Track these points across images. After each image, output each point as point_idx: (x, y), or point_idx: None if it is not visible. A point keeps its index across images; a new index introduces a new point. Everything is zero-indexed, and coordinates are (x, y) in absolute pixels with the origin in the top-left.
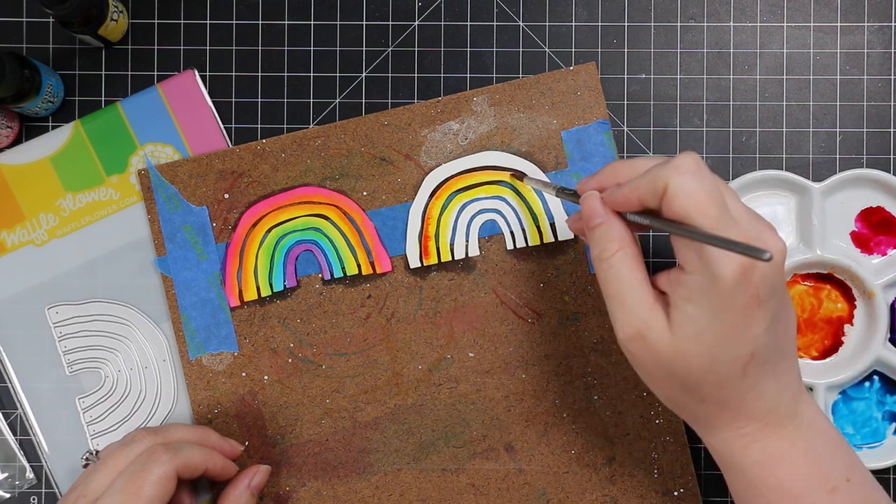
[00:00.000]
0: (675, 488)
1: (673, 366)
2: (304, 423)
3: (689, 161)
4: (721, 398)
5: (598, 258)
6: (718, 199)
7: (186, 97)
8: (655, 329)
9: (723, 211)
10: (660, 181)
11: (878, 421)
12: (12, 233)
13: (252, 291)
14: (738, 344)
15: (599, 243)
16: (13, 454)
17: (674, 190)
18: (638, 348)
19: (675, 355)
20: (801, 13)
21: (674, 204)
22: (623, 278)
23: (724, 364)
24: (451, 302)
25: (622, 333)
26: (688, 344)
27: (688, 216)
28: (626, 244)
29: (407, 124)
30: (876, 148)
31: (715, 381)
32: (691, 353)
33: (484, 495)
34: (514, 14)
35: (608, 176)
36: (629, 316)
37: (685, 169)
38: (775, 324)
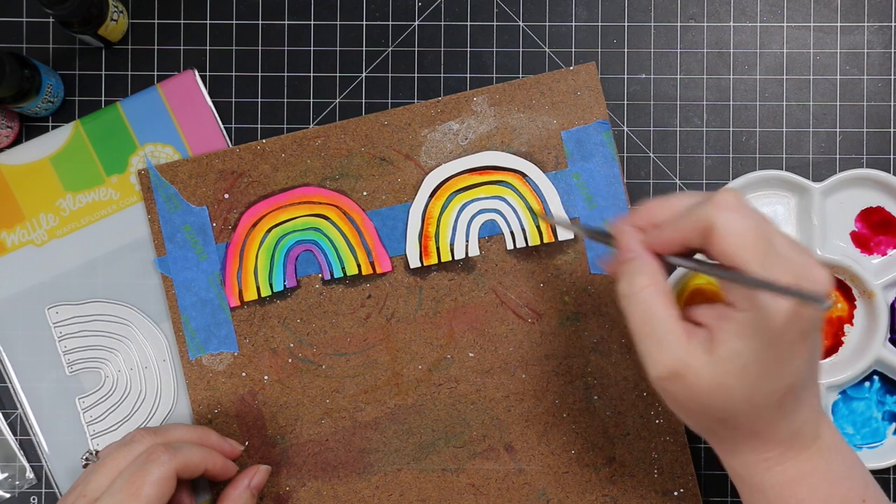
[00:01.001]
0: (675, 488)
1: (712, 400)
2: (304, 423)
3: (731, 198)
4: (753, 427)
5: (627, 293)
6: (765, 236)
7: (186, 97)
8: (694, 366)
9: (770, 248)
10: (703, 222)
11: (878, 421)
12: (12, 233)
13: (252, 291)
14: (780, 377)
15: (629, 277)
16: (13, 454)
17: (721, 229)
18: (674, 386)
19: (715, 390)
20: (801, 13)
21: (721, 243)
22: (656, 314)
23: (763, 396)
24: (451, 302)
25: (656, 372)
26: (731, 378)
27: (735, 255)
28: (658, 277)
29: (407, 124)
30: (876, 148)
31: (751, 412)
32: (733, 388)
33: (484, 495)
34: (514, 14)
35: (644, 216)
36: (665, 354)
37: (729, 206)
38: (813, 355)
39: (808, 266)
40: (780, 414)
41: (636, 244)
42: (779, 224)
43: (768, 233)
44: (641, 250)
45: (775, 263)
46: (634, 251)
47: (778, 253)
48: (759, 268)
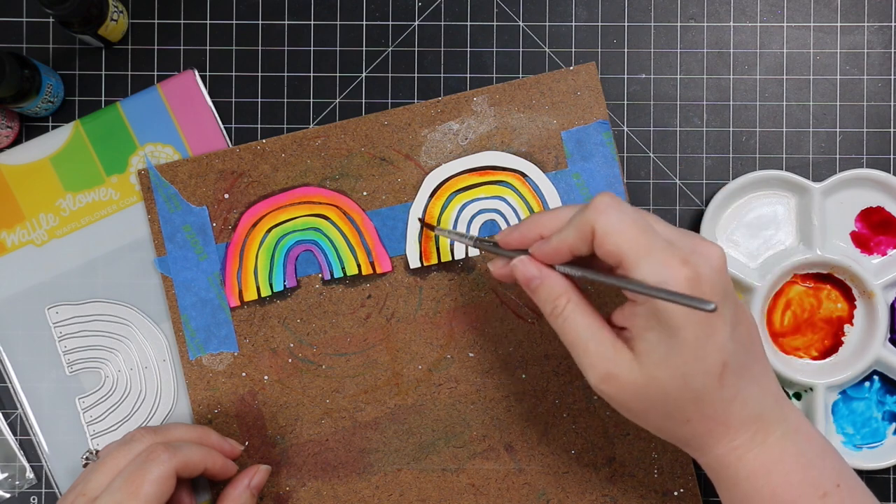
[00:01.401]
0: (675, 488)
1: (649, 395)
2: (304, 423)
3: (607, 199)
4: (705, 415)
5: (551, 315)
6: (645, 227)
7: (186, 97)
8: (623, 365)
9: (652, 236)
10: (585, 226)
11: (878, 421)
12: (12, 233)
13: (252, 291)
14: (707, 356)
15: (547, 302)
16: (13, 454)
17: (601, 230)
18: (612, 388)
19: (648, 384)
20: (801, 13)
21: (605, 243)
22: (580, 327)
23: (698, 379)
24: (451, 302)
25: (593, 378)
26: (657, 370)
27: (619, 251)
28: (571, 294)
29: (407, 124)
30: (876, 148)
31: (694, 398)
32: (663, 378)
33: (484, 495)
34: (514, 14)
35: (530, 228)
36: (595, 360)
37: (605, 207)
38: (737, 328)
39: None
40: (726, 395)
41: (536, 268)
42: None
43: (648, 224)
44: (544, 271)
45: (660, 250)
46: (538, 275)
47: (663, 240)
48: (645, 258)
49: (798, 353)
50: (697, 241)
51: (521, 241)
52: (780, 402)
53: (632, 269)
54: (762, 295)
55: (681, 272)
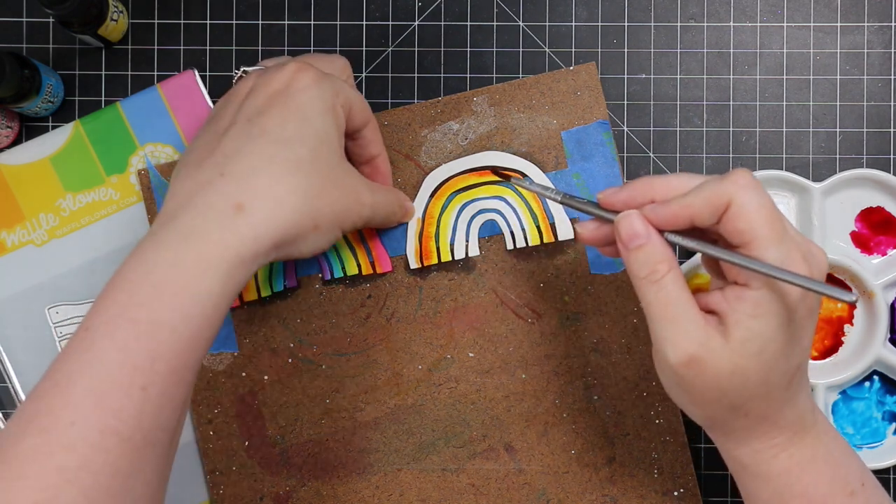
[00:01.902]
0: (675, 488)
1: (730, 384)
2: (304, 423)
3: (749, 177)
4: (764, 412)
5: (648, 280)
6: (779, 214)
7: (186, 97)
8: (713, 350)
9: (785, 224)
10: (721, 198)
11: (878, 421)
12: (12, 233)
13: (252, 291)
14: (793, 356)
15: (648, 264)
16: None
17: (739, 206)
18: (692, 372)
19: (734, 374)
20: (801, 13)
21: (740, 220)
22: (675, 300)
23: (778, 377)
24: (451, 302)
25: (675, 358)
26: (748, 361)
27: (752, 232)
28: (675, 264)
29: (407, 124)
30: (876, 148)
31: (765, 394)
32: (751, 370)
33: (484, 495)
34: (514, 14)
35: (641, 191)
36: (684, 339)
37: (747, 184)
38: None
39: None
40: (788, 395)
41: (645, 226)
42: None
43: (780, 213)
44: (651, 233)
45: (790, 241)
46: (644, 233)
47: (790, 233)
48: (776, 245)
49: None
50: (809, 241)
51: (628, 203)
52: (814, 407)
53: (757, 252)
54: None
55: (800, 268)
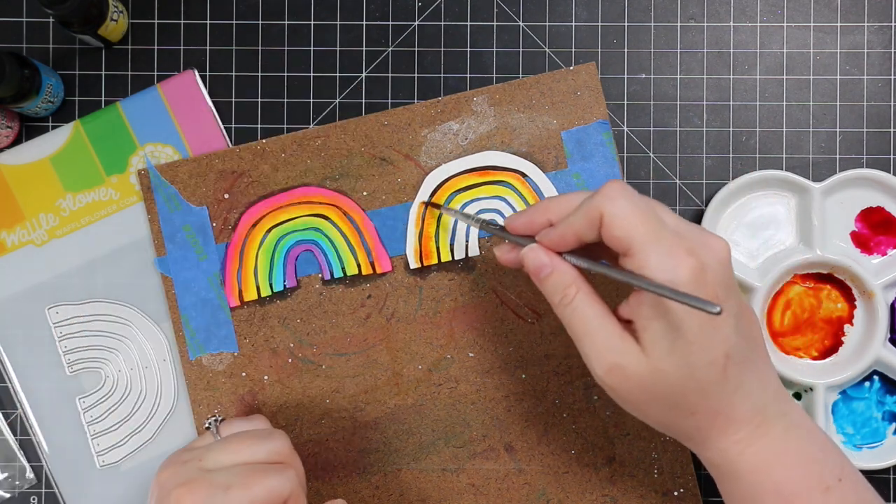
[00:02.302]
0: (675, 488)
1: (655, 386)
2: (304, 423)
3: (617, 187)
4: (709, 407)
5: (560, 305)
6: (653, 216)
7: (186, 97)
8: (630, 356)
9: (660, 225)
10: (594, 212)
11: (878, 421)
12: (12, 233)
13: (252, 291)
14: (711, 348)
15: (556, 291)
16: (13, 454)
17: (609, 216)
18: (617, 379)
19: (654, 375)
20: (801, 13)
21: (613, 229)
22: (588, 317)
23: (702, 370)
24: (451, 302)
25: (599, 369)
26: (663, 361)
27: (626, 238)
28: (580, 283)
29: (407, 124)
30: (876, 148)
31: (698, 389)
32: (669, 369)
33: (484, 495)
34: (514, 14)
35: (539, 214)
36: (602, 351)
37: (615, 195)
38: (740, 321)
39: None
40: (729, 386)
41: (546, 257)
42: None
43: (656, 213)
44: (554, 260)
45: (667, 239)
46: (549, 263)
47: (670, 229)
48: (649, 243)
49: (798, 353)
50: (704, 233)
51: (529, 227)
52: (780, 397)
53: (638, 256)
54: (762, 295)
55: (686, 262)
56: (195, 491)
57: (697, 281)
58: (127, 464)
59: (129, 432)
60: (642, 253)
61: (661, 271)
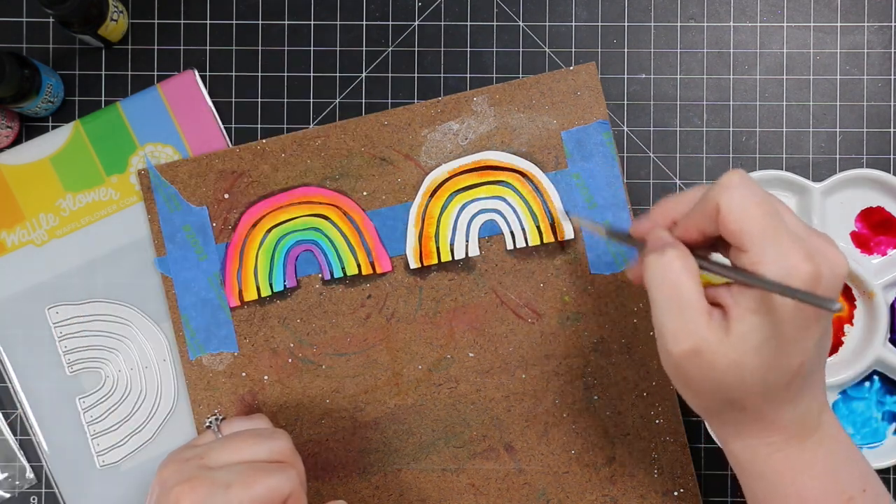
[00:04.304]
0: (675, 488)
1: (726, 378)
2: (304, 423)
3: (735, 177)
4: (761, 409)
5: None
6: (772, 211)
7: (186, 97)
8: (713, 344)
9: (779, 222)
10: (710, 203)
11: (878, 421)
12: (12, 233)
13: (252, 291)
14: (792, 355)
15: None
16: (13, 454)
17: (725, 207)
18: (692, 363)
19: (731, 368)
20: (801, 13)
21: (729, 222)
22: (684, 289)
23: (775, 375)
24: (451, 302)
25: (677, 348)
26: (747, 356)
27: (741, 231)
28: (688, 258)
29: (407, 124)
30: (876, 148)
31: (762, 391)
32: (748, 365)
33: (484, 495)
34: (514, 14)
35: (660, 214)
36: (687, 330)
37: (732, 185)
38: (823, 337)
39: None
40: (787, 396)
41: (665, 234)
42: None
43: (776, 209)
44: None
45: (786, 239)
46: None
47: (788, 228)
48: (767, 240)
49: None
50: (826, 242)
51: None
52: (821, 411)
53: (754, 251)
54: None
55: (804, 266)
56: (196, 489)
57: (810, 287)
58: (127, 464)
59: (129, 432)
60: (758, 248)
61: (776, 271)
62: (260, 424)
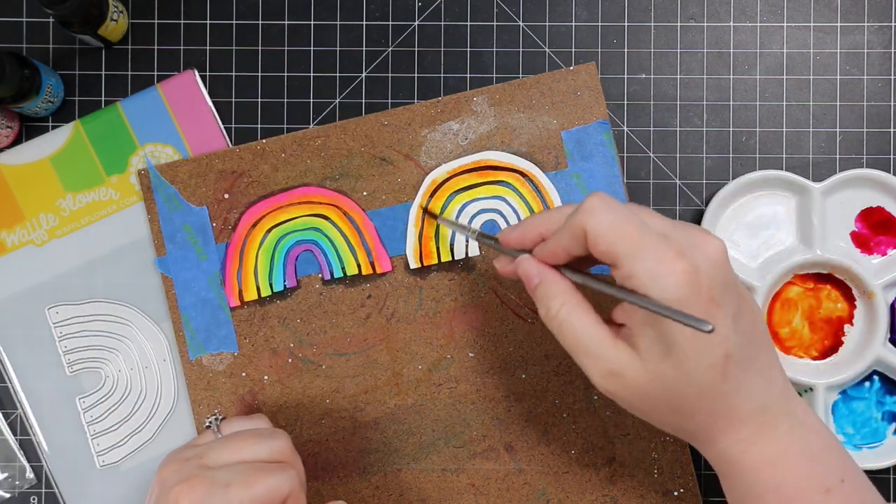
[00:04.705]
0: (675, 488)
1: (654, 391)
2: (304, 423)
3: (596, 200)
4: (710, 409)
5: (547, 317)
6: (637, 224)
7: (186, 97)
8: (625, 363)
9: (644, 232)
10: (577, 228)
11: (878, 421)
12: (12, 233)
13: (252, 291)
14: (709, 351)
15: (543, 302)
16: (13, 454)
17: (593, 232)
18: (616, 386)
19: (652, 381)
20: (801, 13)
21: (598, 244)
22: (577, 328)
23: (701, 374)
24: (451, 302)
25: (597, 378)
26: (659, 366)
27: (614, 251)
28: (568, 295)
29: (407, 124)
30: (876, 148)
31: (697, 392)
32: (667, 375)
33: (484, 495)
34: (514, 14)
35: (530, 228)
36: (597, 360)
37: (595, 208)
38: (739, 320)
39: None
40: (729, 386)
41: (535, 267)
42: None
43: (640, 220)
44: (544, 271)
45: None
46: (536, 274)
47: (656, 235)
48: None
49: (798, 353)
50: (696, 233)
51: (521, 241)
52: (786, 395)
53: (625, 268)
54: (762, 295)
55: (677, 266)
56: (195, 488)
57: (690, 284)
58: (127, 464)
59: (129, 432)
60: (629, 264)
61: (650, 280)
62: (260, 424)
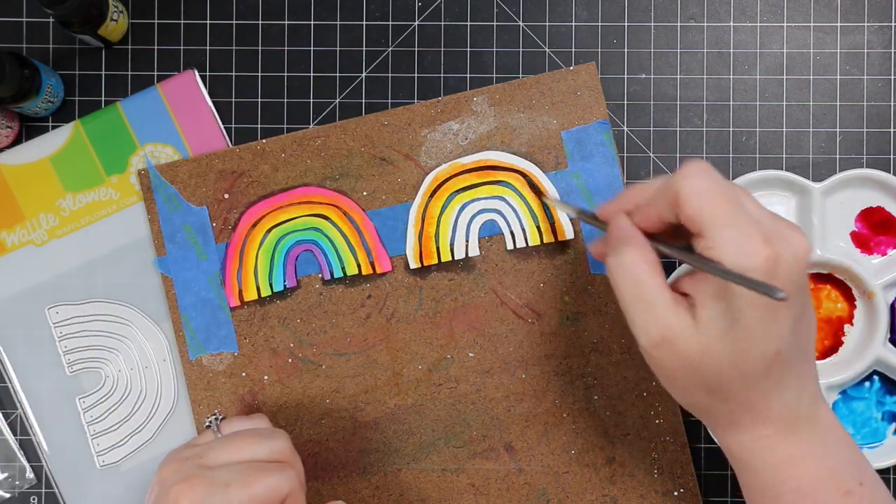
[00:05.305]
0: (675, 488)
1: (701, 367)
2: (304, 423)
3: (695, 165)
4: (745, 398)
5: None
6: (732, 197)
7: (186, 97)
8: (682, 331)
9: (737, 207)
10: (670, 191)
11: (878, 421)
12: (12, 233)
13: (252, 291)
14: (765, 341)
15: (618, 249)
16: (13, 454)
17: (685, 193)
18: (664, 353)
19: (703, 356)
20: (801, 13)
21: (687, 207)
22: (644, 282)
23: (751, 362)
24: (451, 302)
25: (647, 340)
26: (716, 343)
27: (700, 216)
28: (646, 251)
29: (407, 124)
30: (876, 148)
31: (741, 379)
32: (719, 352)
33: (484, 495)
34: (514, 14)
35: (626, 200)
36: (653, 322)
37: (692, 172)
38: (799, 322)
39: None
40: (769, 383)
41: (625, 222)
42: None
43: (735, 195)
44: (630, 227)
45: (744, 223)
46: (624, 228)
47: (747, 213)
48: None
49: None
50: (786, 225)
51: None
52: (814, 402)
53: (710, 237)
54: None
55: (761, 250)
56: (195, 488)
57: (768, 272)
58: (127, 464)
59: (129, 432)
60: (715, 234)
61: (732, 254)
62: (260, 424)
